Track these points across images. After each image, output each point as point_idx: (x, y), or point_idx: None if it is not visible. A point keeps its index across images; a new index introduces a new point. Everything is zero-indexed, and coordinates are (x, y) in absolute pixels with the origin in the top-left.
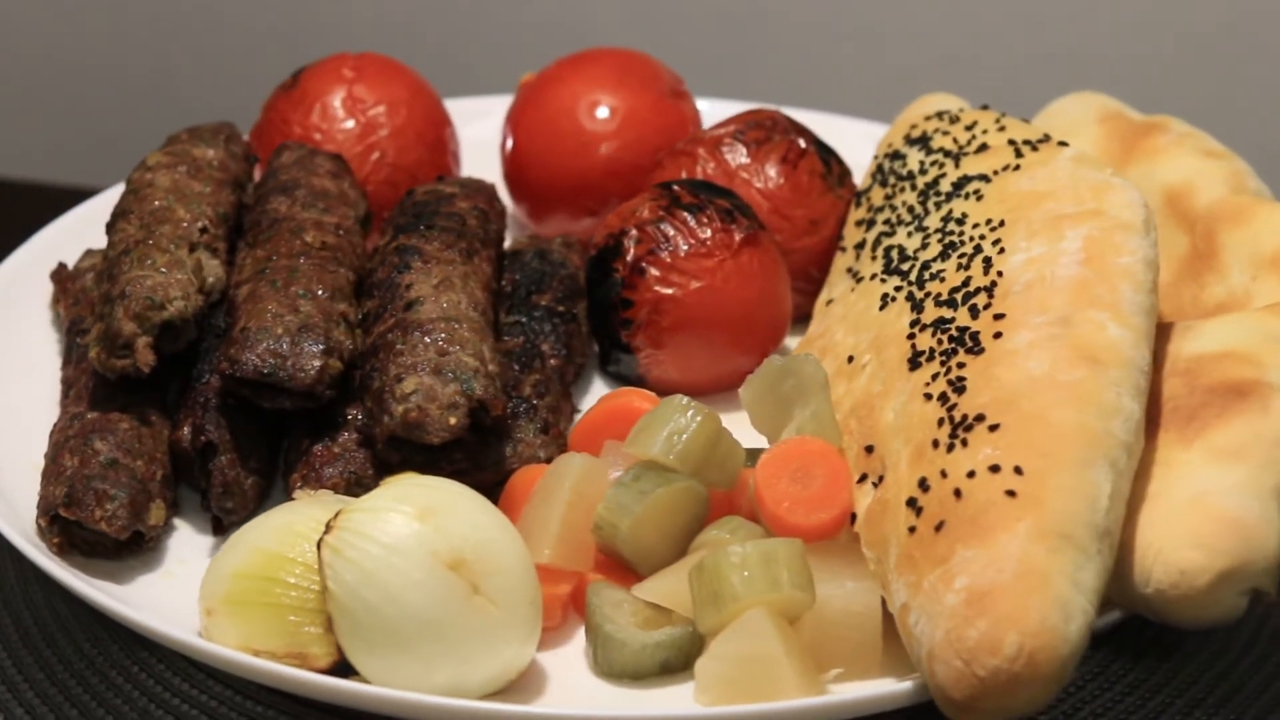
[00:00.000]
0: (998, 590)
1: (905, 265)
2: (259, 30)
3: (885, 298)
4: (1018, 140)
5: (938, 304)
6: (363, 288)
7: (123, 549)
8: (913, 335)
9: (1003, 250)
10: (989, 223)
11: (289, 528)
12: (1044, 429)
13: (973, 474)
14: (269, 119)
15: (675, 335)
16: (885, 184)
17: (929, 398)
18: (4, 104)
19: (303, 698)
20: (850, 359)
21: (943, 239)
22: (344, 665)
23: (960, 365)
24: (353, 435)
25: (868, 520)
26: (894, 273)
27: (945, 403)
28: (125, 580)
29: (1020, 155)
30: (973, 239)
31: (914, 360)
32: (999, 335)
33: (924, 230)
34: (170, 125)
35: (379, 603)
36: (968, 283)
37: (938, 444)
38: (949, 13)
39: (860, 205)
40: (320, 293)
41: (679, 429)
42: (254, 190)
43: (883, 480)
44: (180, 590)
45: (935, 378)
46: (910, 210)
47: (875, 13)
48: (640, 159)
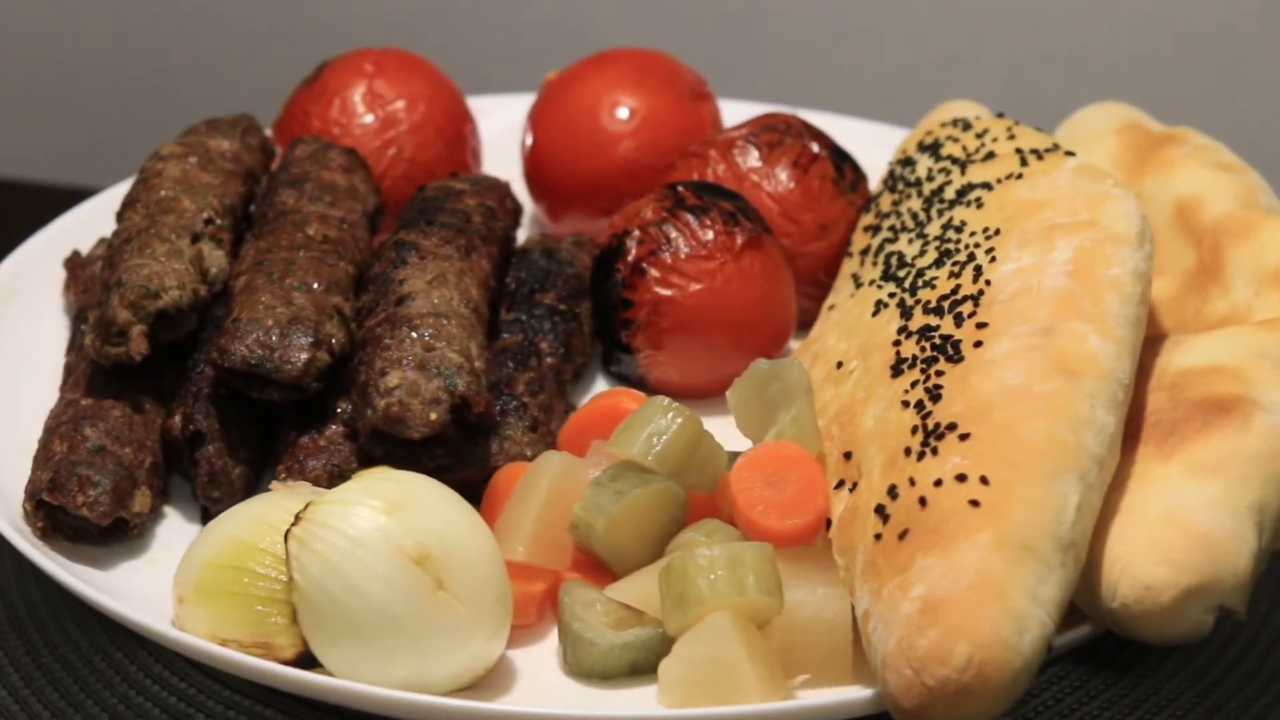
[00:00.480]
0: (951, 600)
1: (902, 272)
2: (259, 30)
3: (879, 304)
4: (1025, 149)
5: (925, 311)
6: (362, 282)
7: (107, 535)
8: (898, 342)
9: (994, 259)
10: (986, 231)
11: (263, 518)
12: (1014, 440)
13: (939, 483)
14: (290, 112)
15: (675, 336)
16: (894, 190)
17: (906, 405)
18: (4, 104)
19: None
20: (839, 364)
21: (940, 246)
22: (309, 656)
23: (939, 373)
24: (339, 428)
25: (840, 527)
26: (890, 279)
27: (921, 410)
28: (108, 566)
29: (1025, 164)
30: (968, 247)
31: (896, 367)
32: (979, 344)
33: (924, 237)
34: (170, 125)
35: (342, 595)
36: (956, 291)
37: (909, 451)
38: (978, 16)
39: (870, 211)
40: (316, 286)
41: (659, 430)
42: (266, 183)
43: (856, 487)
44: (163, 578)
45: (914, 385)
46: (914, 217)
47: (907, 15)
48: (657, 160)
